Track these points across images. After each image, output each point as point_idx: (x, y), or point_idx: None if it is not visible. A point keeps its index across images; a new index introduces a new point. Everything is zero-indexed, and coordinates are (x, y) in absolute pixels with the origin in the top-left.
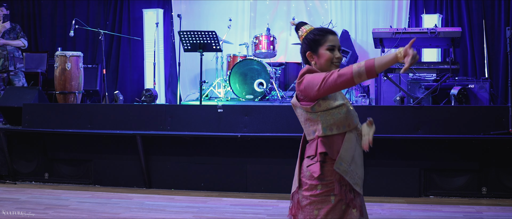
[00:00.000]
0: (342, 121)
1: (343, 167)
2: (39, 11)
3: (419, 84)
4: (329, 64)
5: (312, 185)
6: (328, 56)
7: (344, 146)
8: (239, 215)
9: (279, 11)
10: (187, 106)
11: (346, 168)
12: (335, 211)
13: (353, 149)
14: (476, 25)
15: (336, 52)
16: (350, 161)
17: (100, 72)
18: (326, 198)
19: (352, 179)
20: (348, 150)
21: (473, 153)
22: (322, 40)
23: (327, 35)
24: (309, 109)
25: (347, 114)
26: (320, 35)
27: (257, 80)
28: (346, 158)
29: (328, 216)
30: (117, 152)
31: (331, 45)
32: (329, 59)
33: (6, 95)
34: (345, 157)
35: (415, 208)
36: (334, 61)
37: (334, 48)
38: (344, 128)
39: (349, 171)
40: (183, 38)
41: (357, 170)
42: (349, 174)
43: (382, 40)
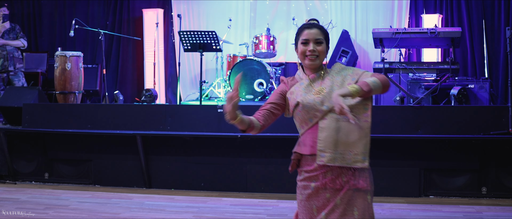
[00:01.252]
0: (304, 116)
1: (327, 157)
2: (39, 11)
3: (419, 84)
4: (303, 58)
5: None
6: (301, 50)
7: (319, 137)
8: (239, 215)
9: (279, 11)
10: (187, 106)
11: (331, 156)
12: (318, 198)
13: (333, 134)
14: (476, 25)
15: (310, 46)
16: (333, 147)
17: (100, 72)
18: (307, 184)
19: (345, 161)
20: (327, 138)
21: (473, 153)
22: (299, 35)
23: (303, 29)
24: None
25: (305, 108)
26: (299, 30)
27: (257, 80)
28: (327, 146)
29: (310, 201)
30: (117, 152)
31: (304, 39)
32: (302, 53)
33: (6, 95)
34: (325, 146)
35: (415, 208)
36: (307, 54)
37: (307, 42)
38: (311, 120)
39: (337, 157)
40: (183, 38)
41: (350, 149)
42: (338, 159)
43: (382, 40)
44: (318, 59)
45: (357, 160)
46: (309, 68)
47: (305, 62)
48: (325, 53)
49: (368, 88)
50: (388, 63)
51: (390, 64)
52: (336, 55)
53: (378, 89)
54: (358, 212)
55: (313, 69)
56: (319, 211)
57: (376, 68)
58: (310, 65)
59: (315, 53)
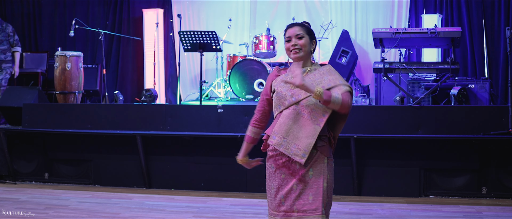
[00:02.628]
0: (276, 102)
1: (275, 140)
2: (39, 11)
3: (419, 84)
4: (289, 53)
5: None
6: (286, 46)
7: (278, 122)
8: (239, 215)
9: (279, 11)
10: (187, 106)
11: (279, 141)
12: (275, 177)
13: (289, 124)
14: (476, 25)
15: (292, 41)
16: (284, 134)
17: (100, 72)
18: (269, 165)
19: (287, 151)
20: (282, 124)
21: (473, 153)
22: (285, 34)
23: (286, 29)
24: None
25: (278, 96)
26: (284, 31)
27: (257, 80)
28: (280, 132)
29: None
30: (117, 152)
31: (287, 37)
32: (287, 49)
33: (6, 95)
34: (278, 131)
35: (415, 208)
36: (291, 49)
37: (290, 38)
38: (280, 107)
39: (284, 143)
40: (183, 38)
41: (296, 142)
42: (284, 146)
43: (382, 40)
44: (301, 51)
45: (297, 154)
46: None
47: (291, 57)
48: (309, 46)
49: (327, 98)
50: (388, 63)
51: (390, 64)
52: (336, 55)
53: (337, 105)
54: (312, 197)
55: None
56: (277, 190)
57: (376, 68)
58: (295, 57)
59: (297, 47)
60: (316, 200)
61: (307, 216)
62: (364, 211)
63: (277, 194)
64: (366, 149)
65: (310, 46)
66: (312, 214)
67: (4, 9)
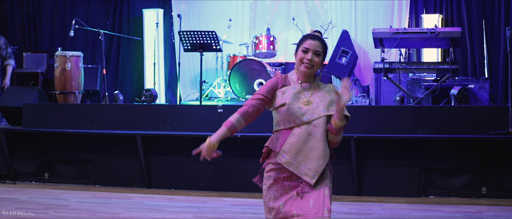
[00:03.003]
0: (285, 117)
1: (285, 159)
2: (39, 11)
3: (419, 84)
4: (299, 63)
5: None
6: (300, 56)
7: (288, 140)
8: (239, 215)
9: (279, 11)
10: (187, 106)
11: (289, 160)
12: (277, 188)
13: (301, 143)
14: (476, 25)
15: (308, 55)
16: (295, 153)
17: (100, 72)
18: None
19: (297, 170)
20: (293, 144)
21: (473, 153)
22: (301, 42)
23: (307, 39)
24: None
25: (289, 112)
26: (303, 38)
27: (257, 80)
28: (290, 151)
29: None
30: (117, 152)
31: (305, 47)
32: (300, 59)
33: (6, 95)
34: (289, 149)
35: (415, 208)
36: (304, 62)
37: (307, 50)
38: (289, 123)
39: (294, 163)
40: (183, 38)
41: (306, 162)
42: (294, 165)
43: (382, 40)
44: (313, 68)
45: (307, 174)
46: (303, 75)
47: (300, 68)
48: (320, 65)
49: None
50: (388, 63)
51: (390, 64)
52: (336, 55)
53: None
54: (313, 202)
55: (306, 76)
56: (276, 200)
57: (376, 68)
58: (305, 72)
59: (311, 63)
60: (316, 205)
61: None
62: (364, 211)
63: (275, 203)
64: (366, 149)
65: (320, 65)
66: (312, 216)
67: (4, 9)
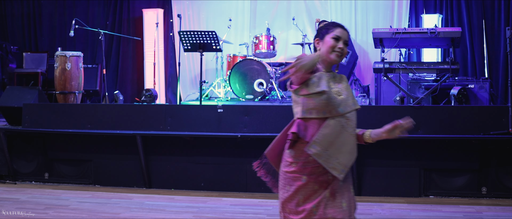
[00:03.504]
0: (322, 106)
1: (316, 150)
2: (39, 11)
3: (419, 84)
4: (330, 51)
5: (287, 162)
6: (332, 44)
7: (321, 131)
8: (239, 215)
9: (279, 11)
10: (187, 106)
11: (319, 151)
12: (306, 189)
13: (333, 135)
14: (476, 25)
15: (340, 43)
16: (326, 145)
17: (100, 72)
18: (298, 176)
19: (327, 163)
20: (326, 135)
21: (473, 153)
22: (330, 29)
23: (337, 27)
24: (293, 92)
25: (328, 101)
26: (332, 25)
27: (257, 80)
28: (322, 143)
29: (298, 193)
30: (117, 152)
31: (337, 35)
32: (331, 47)
33: (6, 95)
34: (321, 141)
35: (415, 208)
36: (336, 50)
37: (339, 38)
38: (324, 113)
39: (324, 155)
40: (183, 38)
41: (337, 155)
42: (324, 158)
43: (382, 40)
44: (341, 58)
45: (336, 169)
46: (329, 63)
47: (330, 56)
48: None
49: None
50: (388, 63)
51: (390, 64)
52: None
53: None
54: (346, 204)
55: (330, 65)
56: (305, 201)
57: (376, 68)
58: (334, 60)
59: (342, 52)
60: (348, 207)
61: None
62: (364, 211)
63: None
64: (366, 149)
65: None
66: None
67: (4, 9)
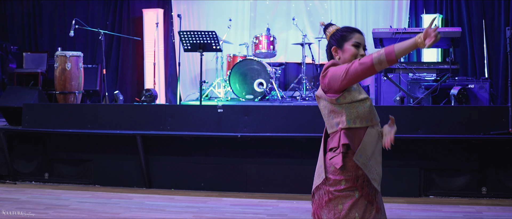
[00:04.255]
0: (365, 114)
1: (362, 160)
2: (39, 11)
3: (419, 84)
4: (352, 59)
5: (336, 181)
6: (353, 52)
7: (365, 140)
8: (239, 215)
9: (279, 11)
10: (187, 106)
11: (365, 161)
12: (358, 205)
13: (373, 144)
14: (476, 25)
15: (361, 50)
16: (370, 155)
17: (100, 72)
18: (350, 193)
19: (370, 174)
20: (369, 144)
21: (473, 153)
22: (348, 37)
23: (355, 32)
24: (334, 100)
25: (371, 108)
26: (348, 31)
27: (257, 80)
28: (366, 152)
29: (352, 210)
30: (117, 152)
31: (357, 42)
32: (353, 55)
33: (6, 95)
34: (366, 150)
35: (415, 208)
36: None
37: (359, 45)
38: (367, 122)
39: (369, 165)
40: (183, 38)
41: (376, 166)
42: (368, 168)
43: (382, 40)
44: None
45: (375, 180)
46: None
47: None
48: None
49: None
50: None
51: None
52: None
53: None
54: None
55: None
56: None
57: None
58: None
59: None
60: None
61: None
62: None
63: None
64: None
65: None
66: None
67: (4, 9)
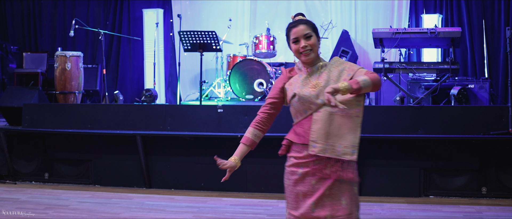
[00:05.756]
0: (300, 107)
1: (318, 148)
2: (39, 11)
3: (419, 84)
4: (298, 55)
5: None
6: (294, 48)
7: (312, 128)
8: (239, 215)
9: (279, 11)
10: (187, 106)
11: (322, 147)
12: (303, 183)
13: (326, 126)
14: (476, 25)
15: (301, 43)
16: (324, 138)
17: (100, 72)
18: (295, 170)
19: (334, 153)
20: (319, 129)
21: (473, 153)
22: (288, 35)
23: (291, 29)
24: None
25: (301, 100)
26: (288, 29)
27: (257, 80)
28: (319, 137)
29: (296, 186)
30: (117, 152)
31: (294, 37)
32: (296, 51)
33: (6, 95)
34: (317, 137)
35: (415, 208)
36: (301, 51)
37: (297, 39)
38: (306, 112)
39: (328, 148)
40: (183, 38)
41: (340, 141)
42: (329, 150)
43: (382, 40)
44: (312, 52)
45: (346, 153)
46: (306, 63)
47: (301, 59)
48: (317, 45)
49: (357, 86)
50: (388, 63)
51: (390, 64)
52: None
53: (368, 87)
54: (345, 202)
55: (310, 62)
56: (305, 197)
57: (376, 68)
58: (307, 60)
59: (307, 48)
60: (349, 204)
61: None
62: (364, 211)
63: (305, 200)
64: (366, 149)
65: (318, 43)
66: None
67: (4, 9)
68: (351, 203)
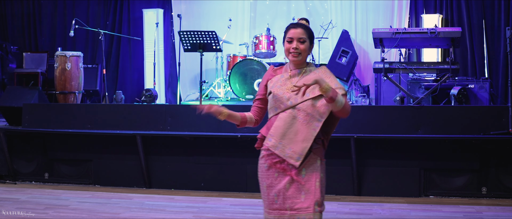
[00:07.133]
0: (272, 104)
1: (271, 143)
2: (39, 11)
3: (419, 84)
4: (287, 54)
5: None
6: (286, 47)
7: (274, 124)
8: (239, 215)
9: (279, 11)
10: (187, 106)
11: (274, 143)
12: (268, 175)
13: (285, 127)
14: (476, 25)
15: (293, 44)
16: (279, 137)
17: (100, 72)
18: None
19: (283, 153)
20: (278, 127)
21: (473, 153)
22: (285, 33)
23: (289, 29)
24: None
25: (274, 98)
26: (286, 28)
27: (257, 80)
28: (275, 134)
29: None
30: (117, 152)
31: (289, 37)
32: (287, 50)
33: (6, 95)
34: (274, 133)
35: (415, 208)
36: (291, 52)
37: (292, 40)
38: (276, 109)
39: (279, 146)
40: (183, 38)
41: (291, 145)
42: (279, 149)
43: (382, 40)
44: (300, 56)
45: (291, 157)
46: (293, 63)
47: (289, 58)
48: (308, 51)
49: (334, 95)
50: (388, 63)
51: (390, 64)
52: (336, 55)
53: (339, 107)
54: (305, 196)
55: (296, 64)
56: (268, 188)
57: (376, 68)
58: (293, 61)
59: (297, 51)
60: (308, 199)
61: (299, 214)
62: (364, 211)
63: (269, 192)
64: (366, 149)
65: (309, 50)
66: (304, 212)
67: (4, 9)
68: (309, 197)
